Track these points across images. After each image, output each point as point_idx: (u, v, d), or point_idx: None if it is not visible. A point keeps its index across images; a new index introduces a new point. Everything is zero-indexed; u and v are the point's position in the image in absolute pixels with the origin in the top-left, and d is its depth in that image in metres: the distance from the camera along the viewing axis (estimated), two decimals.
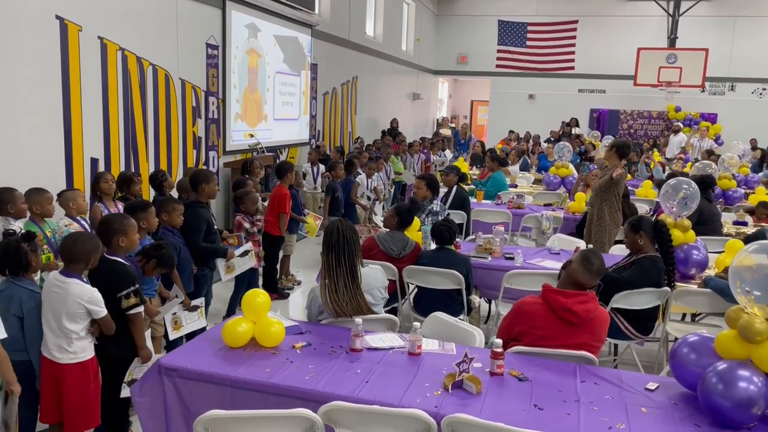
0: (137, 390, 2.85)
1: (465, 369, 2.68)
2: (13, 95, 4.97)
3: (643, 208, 7.39)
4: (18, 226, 3.90)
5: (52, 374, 3.08)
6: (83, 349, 3.10)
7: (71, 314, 3.02)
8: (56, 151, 5.47)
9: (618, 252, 5.30)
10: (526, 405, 2.56)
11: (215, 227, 4.88)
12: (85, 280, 3.11)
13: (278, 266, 6.48)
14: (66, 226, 4.24)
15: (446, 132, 16.07)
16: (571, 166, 9.40)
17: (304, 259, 7.61)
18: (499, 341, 2.86)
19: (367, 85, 13.86)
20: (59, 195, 4.50)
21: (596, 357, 3.06)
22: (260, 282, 6.14)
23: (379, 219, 6.99)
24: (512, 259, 4.95)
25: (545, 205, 7.94)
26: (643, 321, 4.22)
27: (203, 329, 4.15)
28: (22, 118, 5.06)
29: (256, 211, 5.45)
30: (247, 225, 5.38)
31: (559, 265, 4.77)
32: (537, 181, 10.16)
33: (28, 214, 4.06)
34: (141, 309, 3.26)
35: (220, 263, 4.83)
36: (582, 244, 5.44)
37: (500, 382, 2.77)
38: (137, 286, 3.24)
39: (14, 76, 4.96)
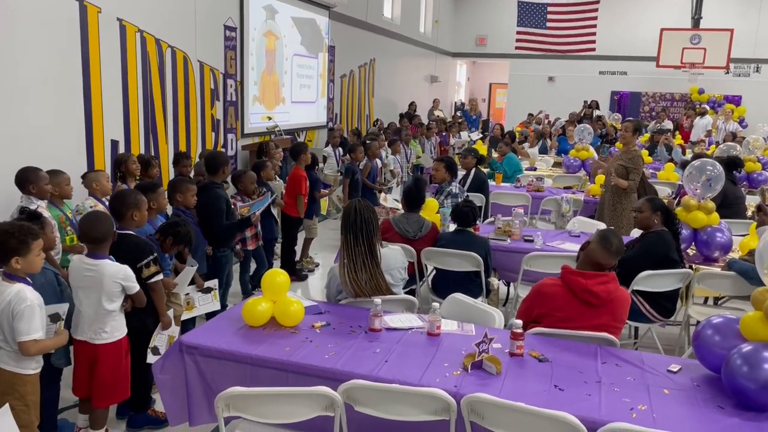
0: (159, 368, 2.87)
1: (485, 349, 2.67)
2: (34, 77, 5.00)
3: (664, 192, 7.28)
4: (40, 205, 3.94)
5: (87, 355, 3.13)
6: (117, 328, 3.14)
7: (109, 294, 3.05)
8: (77, 133, 5.51)
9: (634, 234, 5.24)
10: (547, 386, 2.54)
11: (232, 207, 4.90)
12: (113, 258, 3.13)
13: (297, 248, 6.50)
14: (91, 207, 4.27)
15: (440, 114, 15.80)
16: (591, 148, 9.28)
17: (323, 242, 7.63)
18: (519, 322, 2.84)
19: (384, 68, 13.78)
20: (83, 176, 4.54)
21: (617, 339, 3.03)
22: (278, 264, 6.18)
23: (393, 200, 6.97)
24: (532, 241, 4.91)
25: (565, 188, 7.87)
26: (663, 302, 4.17)
27: (219, 311, 4.19)
28: (43, 100, 5.10)
29: (253, 191, 5.39)
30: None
31: (579, 247, 4.77)
32: (557, 164, 10.05)
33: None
34: (161, 276, 3.31)
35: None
36: (603, 227, 5.37)
37: (520, 362, 2.76)
38: (155, 254, 3.28)
39: (35, 59, 4.99)
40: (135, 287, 3.12)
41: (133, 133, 6.18)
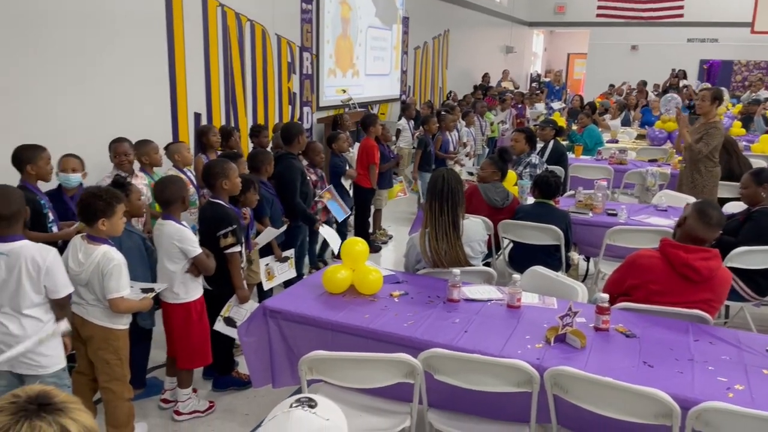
0: (244, 330, 2.97)
1: (569, 323, 2.60)
2: (124, 53, 5.20)
3: (759, 165, 6.81)
4: (137, 174, 4.17)
5: (164, 313, 3.28)
6: (186, 291, 3.24)
7: (169, 254, 3.17)
8: (163, 106, 5.71)
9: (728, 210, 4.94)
10: (635, 361, 2.45)
11: (308, 178, 4.96)
12: (183, 223, 3.23)
13: (370, 220, 6.55)
14: None
15: (508, 85, 15.30)
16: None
17: (395, 214, 7.65)
18: (605, 296, 2.74)
19: (458, 39, 13.51)
20: (166, 148, 4.72)
21: (712, 317, 2.87)
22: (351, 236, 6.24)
23: (466, 173, 6.89)
24: (615, 215, 4.72)
25: (649, 160, 7.50)
26: (759, 279, 3.92)
27: (295, 279, 4.29)
28: (132, 73, 5.30)
29: (319, 162, 5.42)
30: (313, 177, 5.38)
31: (666, 222, 4.56)
32: (640, 137, 9.59)
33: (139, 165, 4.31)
34: (237, 249, 3.39)
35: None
36: (693, 201, 5.09)
37: (605, 337, 2.67)
38: (234, 226, 3.35)
39: (124, 35, 5.18)
40: (193, 251, 3.16)
41: (214, 105, 6.35)
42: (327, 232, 4.87)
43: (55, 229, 3.52)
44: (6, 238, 2.56)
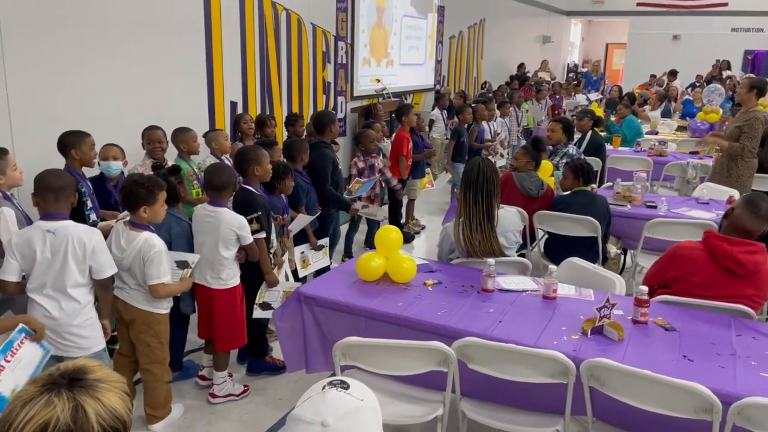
0: (278, 315, 3.00)
1: (606, 314, 2.56)
2: (163, 42, 5.28)
3: None
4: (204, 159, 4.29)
5: (205, 298, 3.33)
6: (231, 276, 3.31)
7: (225, 241, 3.21)
8: (200, 95, 5.78)
9: None
10: (674, 355, 2.40)
11: (339, 167, 4.98)
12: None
13: (402, 210, 6.54)
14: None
15: (545, 75, 15.03)
16: (721, 111, 8.54)
17: (428, 205, 7.63)
18: (645, 288, 2.68)
19: (494, 28, 13.34)
20: (204, 135, 4.78)
21: (755, 313, 2.79)
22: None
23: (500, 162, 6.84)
24: (654, 207, 4.62)
25: (690, 153, 7.31)
26: None
27: (327, 268, 4.32)
28: (171, 62, 5.38)
29: (373, 149, 5.43)
30: (360, 164, 5.39)
31: (707, 215, 4.45)
32: (681, 128, 9.36)
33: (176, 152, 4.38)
34: (262, 235, 3.41)
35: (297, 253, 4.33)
36: (736, 193, 4.96)
37: (644, 330, 2.62)
38: (260, 213, 3.39)
39: (163, 23, 5.25)
40: (248, 238, 3.25)
41: (250, 94, 6.40)
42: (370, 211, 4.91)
43: (93, 216, 3.61)
44: (54, 215, 2.63)
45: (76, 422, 1.02)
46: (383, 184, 5.62)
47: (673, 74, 13.58)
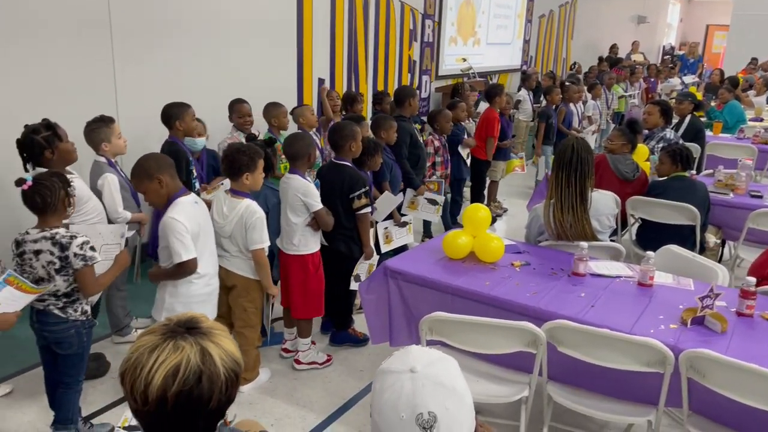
0: (365, 288, 3.04)
1: (709, 305, 2.43)
2: (256, 18, 5.40)
3: None
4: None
5: (282, 263, 3.42)
6: (306, 244, 3.34)
7: (292, 206, 3.28)
8: (290, 70, 5.90)
9: None
10: None
11: (420, 140, 4.93)
12: (307, 178, 3.32)
13: (485, 192, 6.44)
14: None
15: (638, 58, 14.20)
16: None
17: (511, 188, 7.48)
18: (752, 279, 2.52)
19: (586, 7, 12.82)
20: (291, 111, 4.87)
21: None
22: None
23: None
24: (760, 197, 4.34)
25: None
26: None
27: (406, 247, 4.32)
28: (261, 37, 5.50)
29: (448, 129, 5.34)
30: (437, 143, 5.31)
31: None
32: None
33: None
34: (369, 210, 3.46)
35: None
36: None
37: (749, 323, 2.47)
38: (366, 188, 3.42)
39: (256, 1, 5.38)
40: (315, 205, 3.25)
41: (337, 71, 6.47)
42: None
43: (197, 185, 3.76)
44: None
45: (204, 363, 1.08)
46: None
47: None
